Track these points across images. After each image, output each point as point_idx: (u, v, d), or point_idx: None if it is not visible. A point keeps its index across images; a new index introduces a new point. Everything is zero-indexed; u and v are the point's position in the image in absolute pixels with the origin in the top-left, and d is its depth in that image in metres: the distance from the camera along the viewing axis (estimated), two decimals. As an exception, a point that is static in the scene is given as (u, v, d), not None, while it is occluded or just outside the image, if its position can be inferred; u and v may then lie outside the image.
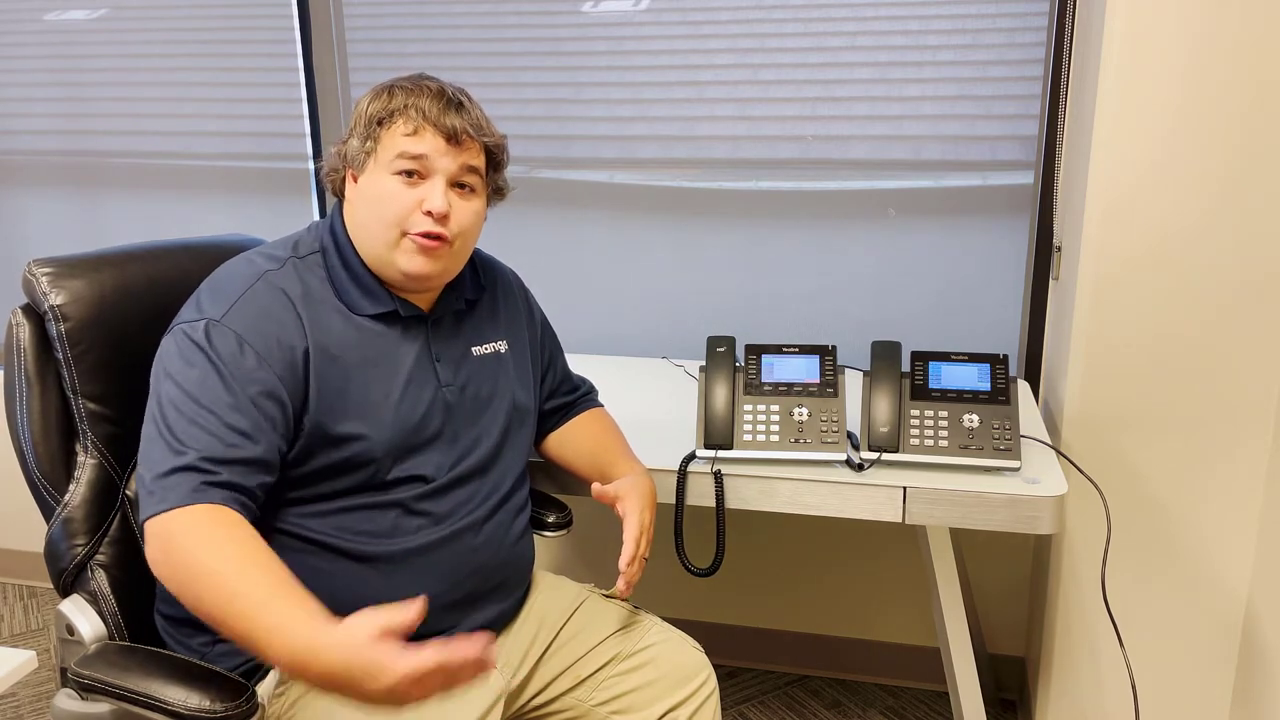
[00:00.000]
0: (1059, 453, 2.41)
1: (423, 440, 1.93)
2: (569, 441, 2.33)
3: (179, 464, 1.69)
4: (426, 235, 1.87)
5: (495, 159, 2.01)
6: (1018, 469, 2.24)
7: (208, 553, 1.62)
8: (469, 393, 2.02)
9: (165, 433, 1.72)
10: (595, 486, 2.09)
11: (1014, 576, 3.27)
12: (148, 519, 1.68)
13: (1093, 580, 2.72)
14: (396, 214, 1.87)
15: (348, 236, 1.94)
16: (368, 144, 1.90)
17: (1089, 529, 2.70)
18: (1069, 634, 2.77)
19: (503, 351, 2.12)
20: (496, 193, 2.06)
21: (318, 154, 3.57)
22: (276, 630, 1.54)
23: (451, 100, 1.92)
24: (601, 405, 2.42)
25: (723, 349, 2.37)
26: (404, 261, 1.88)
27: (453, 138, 1.89)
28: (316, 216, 3.61)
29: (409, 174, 1.88)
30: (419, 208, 1.87)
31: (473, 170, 1.94)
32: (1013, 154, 3.03)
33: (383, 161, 1.88)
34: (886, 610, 3.40)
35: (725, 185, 3.25)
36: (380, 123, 1.90)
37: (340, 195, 2.00)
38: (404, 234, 1.87)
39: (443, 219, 1.88)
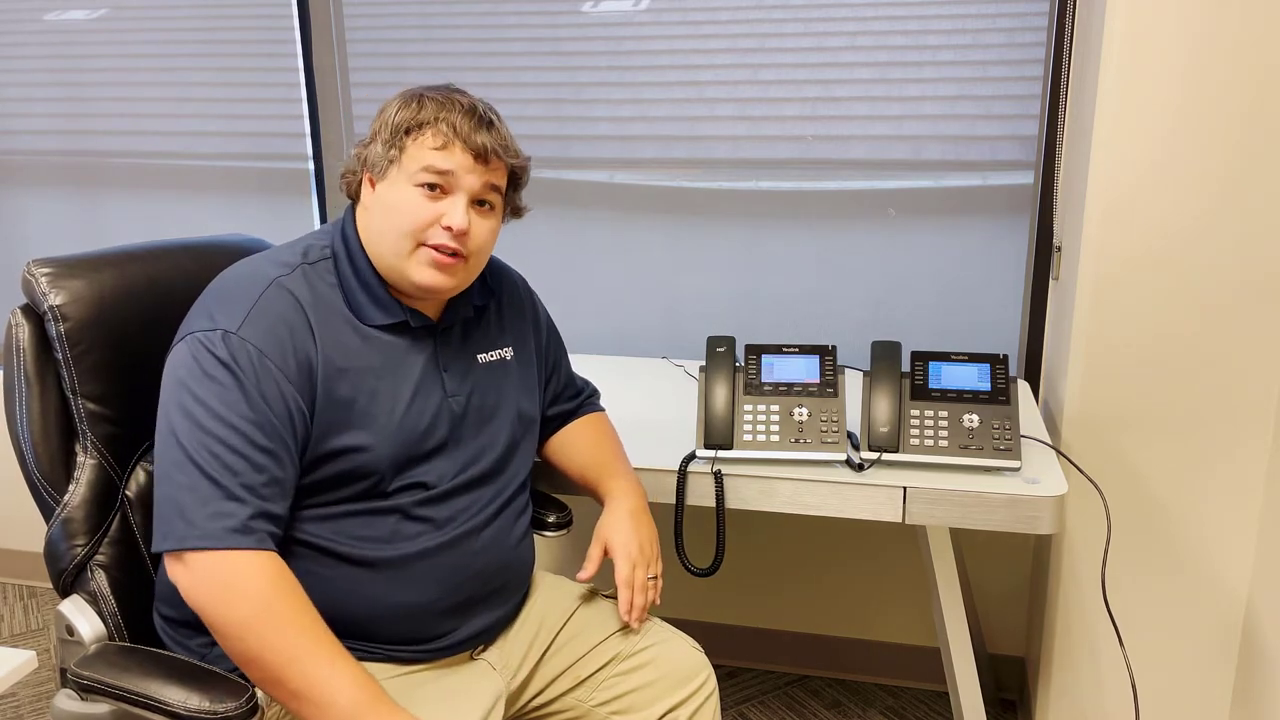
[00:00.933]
0: (1059, 453, 2.41)
1: (426, 450, 1.92)
2: (563, 449, 2.33)
3: (214, 493, 1.70)
4: (442, 250, 1.86)
5: (517, 179, 2.00)
6: (1018, 469, 2.24)
7: (269, 609, 1.69)
8: (474, 401, 2.02)
9: (193, 453, 1.71)
10: (581, 576, 2.10)
11: (1014, 576, 3.27)
12: (189, 550, 1.70)
13: (1093, 580, 2.72)
14: (415, 225, 1.85)
15: (359, 242, 1.94)
16: (392, 152, 1.88)
17: (1089, 529, 2.70)
18: (1069, 634, 2.77)
19: (508, 358, 2.12)
20: (514, 212, 2.05)
21: (318, 154, 3.57)
22: (339, 688, 1.67)
23: (483, 118, 1.90)
24: (602, 409, 2.41)
25: (723, 349, 2.37)
26: (417, 273, 1.87)
27: (481, 156, 1.87)
28: (317, 216, 3.61)
29: (431, 187, 1.86)
30: (438, 222, 1.85)
31: (495, 189, 1.93)
32: (1013, 154, 3.03)
33: (407, 171, 1.86)
34: (886, 610, 3.40)
35: (725, 185, 3.24)
36: (408, 132, 1.88)
37: (355, 198, 1.99)
38: (419, 245, 1.86)
39: (461, 235, 1.87)
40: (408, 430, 1.89)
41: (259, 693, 1.73)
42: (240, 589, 1.68)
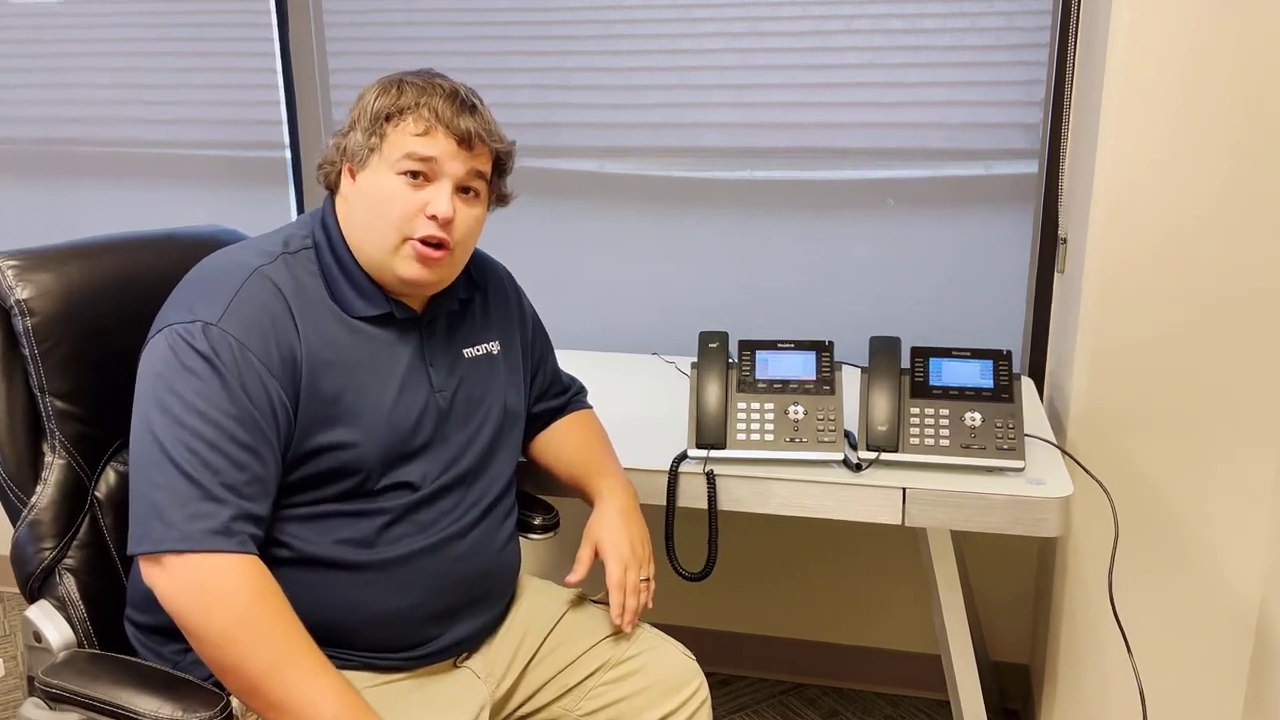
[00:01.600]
0: (1064, 452, 2.42)
1: (414, 448, 1.93)
2: (550, 447, 2.33)
3: (193, 493, 1.70)
4: (427, 241, 1.87)
5: (502, 165, 2.01)
6: (1021, 469, 2.25)
7: (250, 616, 1.68)
8: (460, 397, 2.02)
9: (170, 450, 1.71)
10: (570, 579, 2.09)
11: (1018, 581, 3.28)
12: (167, 553, 1.69)
13: (1099, 585, 2.72)
14: (399, 216, 1.86)
15: (341, 234, 1.94)
16: (372, 140, 1.89)
17: (1095, 531, 2.70)
18: (1075, 641, 2.77)
19: (495, 353, 2.13)
20: (500, 200, 2.06)
21: (295, 142, 3.57)
22: (321, 699, 1.68)
23: (465, 102, 1.91)
24: (590, 407, 2.42)
25: (715, 345, 2.37)
26: (402, 268, 1.88)
27: (464, 141, 1.88)
28: (294, 207, 3.61)
29: (414, 175, 1.87)
30: (422, 211, 1.86)
31: (479, 175, 1.94)
32: (1016, 142, 3.03)
33: (388, 160, 1.87)
34: (885, 616, 3.41)
35: (718, 174, 3.24)
36: (388, 119, 1.88)
37: (333, 190, 1.99)
38: (405, 239, 1.87)
39: (446, 224, 1.87)
40: (396, 427, 1.90)
41: (234, 702, 1.73)
42: (221, 594, 1.68)
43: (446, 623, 1.98)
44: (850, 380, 2.89)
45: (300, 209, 3.61)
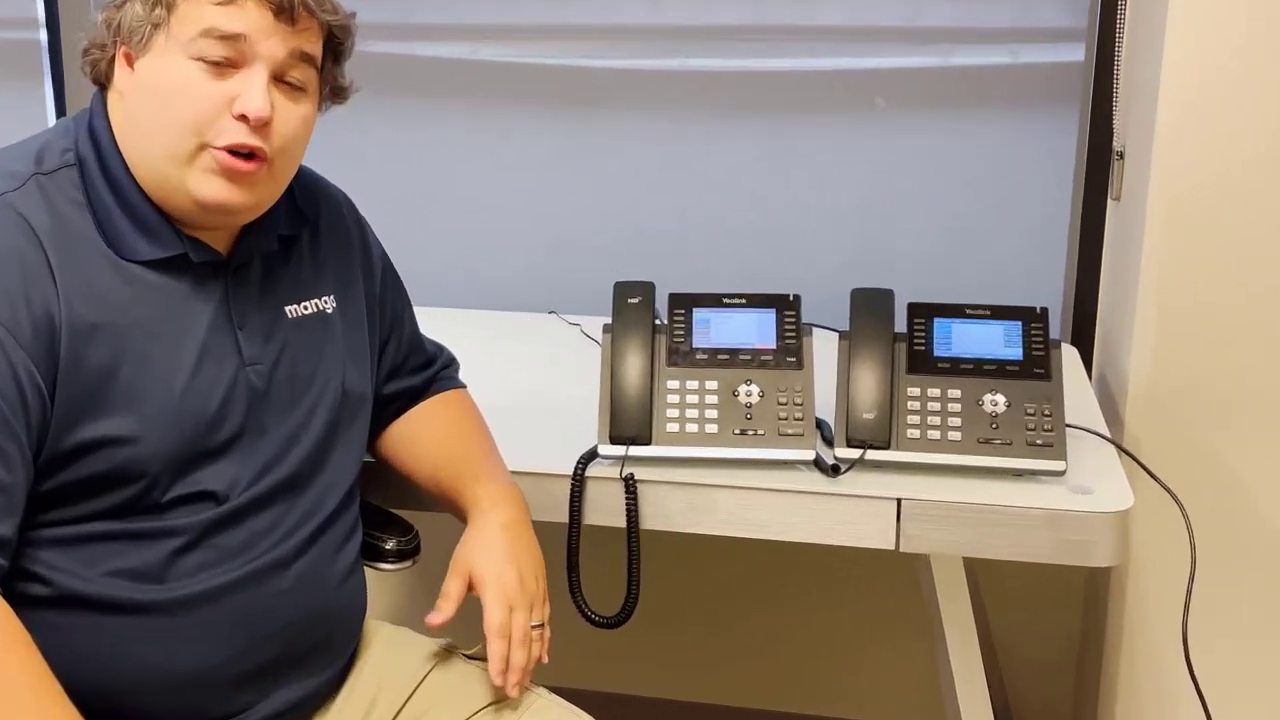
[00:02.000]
0: (1121, 449, 2.43)
1: (216, 444, 1.93)
2: (407, 443, 2.34)
3: None
4: (235, 151, 1.84)
5: (337, 46, 2.01)
6: (1062, 473, 2.25)
7: None
8: (281, 374, 2.02)
9: None
10: (432, 619, 2.06)
11: (1056, 627, 3.30)
12: None
13: (1170, 632, 2.72)
14: (195, 116, 1.83)
15: (115, 144, 1.91)
16: (156, 12, 1.85)
17: (1164, 559, 2.70)
18: (1135, 706, 2.78)
19: (329, 311, 2.14)
20: (335, 93, 2.06)
21: (52, 19, 3.54)
22: None
23: None
24: (462, 386, 2.46)
25: (637, 300, 2.37)
26: (200, 186, 1.85)
27: (283, 11, 1.86)
28: (51, 108, 3.59)
29: (217, 62, 1.84)
30: (228, 108, 1.84)
31: (306, 59, 1.92)
32: (1055, 18, 3.04)
33: (179, 40, 1.84)
34: (873, 675, 3.42)
35: (639, 64, 3.24)
36: None
37: (104, 84, 1.96)
38: (204, 146, 1.84)
39: (261, 126, 1.85)
40: (191, 413, 1.89)
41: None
42: None
43: (265, 685, 1.97)
44: (825, 349, 2.89)
45: (60, 111, 3.59)
